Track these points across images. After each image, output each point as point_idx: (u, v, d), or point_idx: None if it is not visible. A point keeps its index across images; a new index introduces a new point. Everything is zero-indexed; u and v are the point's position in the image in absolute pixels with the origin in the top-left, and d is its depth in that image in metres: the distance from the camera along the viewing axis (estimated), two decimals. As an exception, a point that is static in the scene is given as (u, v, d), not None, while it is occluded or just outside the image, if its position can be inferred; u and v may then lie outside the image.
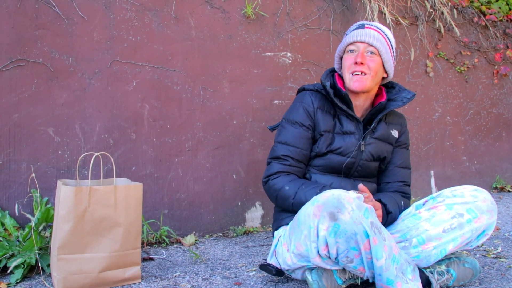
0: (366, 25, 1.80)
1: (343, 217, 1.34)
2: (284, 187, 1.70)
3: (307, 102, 1.82)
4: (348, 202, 1.35)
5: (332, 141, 1.78)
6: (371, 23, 1.82)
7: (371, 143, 1.81)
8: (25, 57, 2.19)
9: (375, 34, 1.77)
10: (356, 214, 1.34)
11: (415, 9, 3.67)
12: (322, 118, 1.79)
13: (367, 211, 1.38)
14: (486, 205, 1.56)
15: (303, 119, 1.80)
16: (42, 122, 2.22)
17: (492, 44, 4.21)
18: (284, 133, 1.82)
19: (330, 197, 1.37)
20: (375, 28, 1.79)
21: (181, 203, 2.54)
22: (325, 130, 1.78)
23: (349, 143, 1.78)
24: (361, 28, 1.79)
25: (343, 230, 1.34)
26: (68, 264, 1.67)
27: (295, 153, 1.77)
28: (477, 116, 4.03)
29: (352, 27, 1.86)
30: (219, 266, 2.05)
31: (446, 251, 1.52)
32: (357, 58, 1.74)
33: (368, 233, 1.35)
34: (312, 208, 1.40)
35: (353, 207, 1.35)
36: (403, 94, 1.86)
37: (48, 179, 2.22)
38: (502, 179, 4.14)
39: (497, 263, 1.97)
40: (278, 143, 1.82)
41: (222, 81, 2.69)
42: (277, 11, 2.92)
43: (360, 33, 1.77)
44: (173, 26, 2.56)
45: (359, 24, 1.83)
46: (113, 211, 1.74)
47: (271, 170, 1.78)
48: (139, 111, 2.45)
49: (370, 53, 1.75)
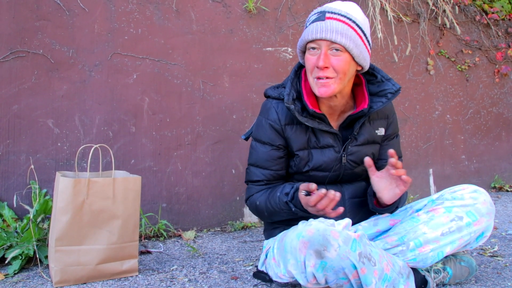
0: (327, 14, 1.46)
1: (329, 254, 1.30)
2: (256, 204, 1.63)
3: (273, 119, 1.61)
4: (334, 238, 1.30)
5: (310, 159, 1.62)
6: (335, 9, 1.48)
7: (354, 152, 1.64)
8: (26, 48, 2.19)
9: (339, 26, 1.44)
10: (343, 250, 1.30)
11: (417, 6, 3.66)
12: (293, 135, 1.61)
13: (355, 243, 1.33)
14: (485, 208, 1.54)
15: (271, 139, 1.62)
16: (41, 113, 2.22)
17: (494, 43, 4.20)
18: (254, 154, 1.66)
19: (315, 234, 1.31)
20: (338, 17, 1.46)
21: (179, 197, 2.54)
22: (299, 149, 1.61)
23: (329, 159, 1.62)
24: (321, 19, 1.45)
25: (330, 266, 1.32)
26: (65, 256, 1.68)
27: (269, 175, 1.64)
28: (477, 115, 4.03)
29: (312, 16, 1.51)
30: (216, 260, 2.06)
31: (443, 254, 1.51)
32: (319, 61, 1.45)
33: (356, 266, 1.33)
34: (297, 243, 1.34)
35: (340, 243, 1.30)
36: (386, 87, 1.61)
37: (47, 171, 2.22)
38: (501, 178, 4.14)
39: (493, 262, 1.98)
40: (251, 165, 1.68)
41: (223, 75, 2.69)
42: (278, 6, 2.91)
43: (320, 28, 1.44)
44: (174, 19, 2.55)
45: (319, 12, 1.49)
46: (111, 204, 1.74)
47: (249, 192, 1.69)
48: (139, 104, 2.45)
49: (335, 50, 1.46)
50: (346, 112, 1.66)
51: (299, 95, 1.59)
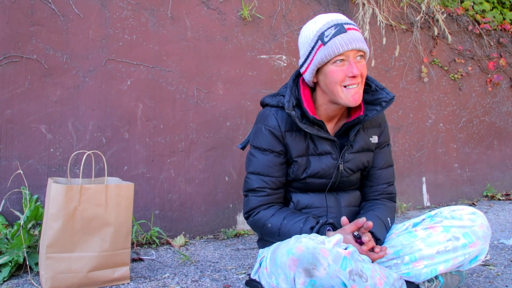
0: (346, 26, 1.52)
1: (318, 273, 1.29)
2: (266, 225, 1.61)
3: (273, 125, 1.64)
4: (324, 257, 1.30)
5: (308, 165, 1.65)
6: (345, 20, 1.55)
7: (350, 159, 1.68)
8: (19, 53, 2.18)
9: (358, 34, 1.53)
10: (333, 268, 1.30)
11: (411, 15, 3.69)
12: (292, 142, 1.64)
13: (345, 261, 1.32)
14: (482, 231, 1.55)
15: (272, 145, 1.64)
16: (34, 119, 2.21)
17: (486, 53, 4.24)
18: (254, 162, 1.67)
19: (305, 252, 1.30)
20: (353, 26, 1.54)
21: (172, 204, 2.53)
22: (298, 155, 1.64)
23: (326, 166, 1.64)
24: (343, 31, 1.50)
25: (320, 284, 1.31)
26: (56, 263, 1.66)
27: (271, 182, 1.64)
28: (469, 124, 4.06)
29: (327, 31, 1.53)
30: (209, 268, 2.05)
31: (436, 272, 1.52)
32: (353, 70, 1.50)
33: (346, 284, 1.33)
34: (287, 260, 1.33)
35: (329, 262, 1.30)
36: (381, 95, 1.65)
37: (39, 177, 2.20)
38: (493, 187, 4.16)
39: (485, 271, 1.98)
40: (251, 173, 1.68)
41: (217, 82, 2.69)
42: (273, 13, 2.92)
43: (347, 40, 1.50)
44: (169, 26, 2.56)
45: (335, 25, 1.52)
46: (103, 210, 1.73)
47: (249, 205, 1.66)
48: (133, 110, 2.44)
49: (359, 57, 1.53)
50: (342, 120, 1.70)
51: (298, 102, 1.62)
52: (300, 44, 1.63)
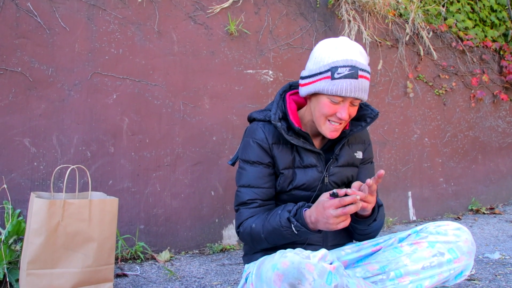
0: (359, 72, 1.51)
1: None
2: (251, 226, 1.61)
3: (260, 138, 1.67)
4: (309, 272, 1.28)
5: (293, 178, 1.67)
6: (362, 65, 1.52)
7: (335, 173, 1.70)
8: (4, 66, 2.16)
9: (366, 84, 1.54)
10: (318, 283, 1.28)
11: (396, 31, 3.74)
12: (279, 155, 1.67)
13: (331, 276, 1.31)
14: (467, 246, 1.56)
15: (260, 157, 1.67)
16: (18, 132, 2.18)
17: (469, 69, 4.32)
18: (244, 175, 1.68)
19: (290, 267, 1.29)
20: (365, 74, 1.54)
21: (157, 218, 2.50)
22: (284, 167, 1.67)
23: (311, 178, 1.67)
24: (354, 77, 1.50)
25: None
26: (38, 280, 1.63)
27: (262, 193, 1.66)
28: (454, 139, 4.11)
29: (341, 68, 1.51)
30: (194, 284, 2.02)
31: (422, 287, 1.52)
32: (342, 113, 1.54)
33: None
34: (272, 275, 1.32)
35: (314, 277, 1.28)
36: (366, 111, 1.71)
37: (22, 191, 2.17)
38: (478, 201, 4.20)
39: (470, 286, 1.99)
40: (241, 187, 1.69)
41: (203, 97, 2.69)
42: (260, 29, 2.94)
43: (355, 87, 1.50)
44: (155, 40, 2.56)
45: (351, 67, 1.51)
46: (87, 226, 1.71)
47: (241, 218, 1.67)
48: (118, 124, 2.43)
49: (355, 103, 1.57)
50: None
51: (284, 116, 1.67)
52: (312, 56, 1.62)
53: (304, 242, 1.64)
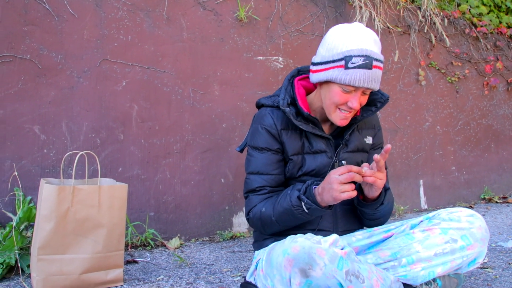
0: (374, 63, 1.48)
1: (315, 273, 1.27)
2: (261, 211, 1.60)
3: (269, 124, 1.65)
4: (320, 257, 1.28)
5: (303, 164, 1.65)
6: (376, 54, 1.49)
7: (345, 158, 1.68)
8: (13, 53, 2.16)
9: (379, 74, 1.50)
10: (329, 268, 1.28)
11: (408, 18, 3.68)
12: (288, 140, 1.64)
13: (342, 261, 1.30)
14: (480, 233, 1.54)
15: (269, 143, 1.65)
16: (28, 119, 2.18)
17: (483, 56, 4.24)
18: (253, 162, 1.67)
19: (301, 252, 1.28)
20: (379, 64, 1.50)
21: (167, 206, 2.50)
22: (293, 153, 1.64)
23: (321, 164, 1.64)
24: (369, 67, 1.47)
25: (316, 284, 1.29)
26: (48, 265, 1.63)
27: (271, 180, 1.65)
28: (466, 127, 4.05)
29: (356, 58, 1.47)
30: (204, 270, 2.02)
31: (434, 274, 1.50)
32: (354, 103, 1.51)
33: (342, 284, 1.31)
34: (283, 260, 1.32)
35: (325, 262, 1.28)
36: (376, 96, 1.67)
37: (32, 178, 2.18)
38: (490, 190, 4.15)
39: (483, 274, 1.96)
40: (250, 174, 1.68)
41: (213, 83, 2.67)
42: (270, 15, 2.91)
43: (368, 78, 1.47)
44: (164, 27, 2.54)
45: (366, 57, 1.47)
46: (96, 212, 1.71)
47: (250, 204, 1.66)
48: (128, 111, 2.42)
49: (367, 92, 1.55)
50: None
51: (293, 101, 1.63)
52: (325, 42, 1.57)
53: (314, 228, 1.62)
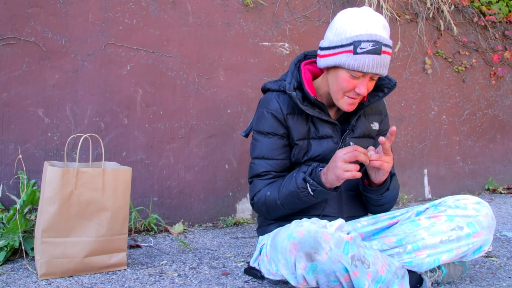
0: (383, 48, 1.45)
1: (320, 258, 1.27)
2: (266, 194, 1.59)
3: (275, 108, 1.63)
4: (326, 241, 1.27)
5: (308, 149, 1.63)
6: (385, 40, 1.46)
7: (351, 144, 1.66)
8: (17, 35, 2.14)
9: (388, 59, 1.49)
10: (335, 253, 1.27)
11: (416, 5, 3.63)
12: (294, 125, 1.63)
13: (348, 246, 1.30)
14: (487, 221, 1.53)
15: (275, 128, 1.63)
16: (32, 102, 2.17)
17: (491, 45, 4.19)
18: (258, 147, 1.65)
19: (306, 236, 1.28)
20: (388, 49, 1.48)
21: (171, 191, 2.50)
22: (299, 138, 1.63)
23: (327, 149, 1.62)
24: (377, 53, 1.44)
25: (321, 269, 1.29)
26: (52, 248, 1.63)
27: (275, 165, 1.63)
28: (472, 117, 4.02)
29: (365, 43, 1.44)
30: (207, 256, 2.02)
31: (439, 261, 1.49)
32: (361, 88, 1.49)
33: (347, 269, 1.30)
34: (288, 244, 1.31)
35: (331, 246, 1.27)
36: (383, 81, 1.64)
37: (36, 161, 2.17)
38: (495, 180, 4.13)
39: (488, 262, 1.96)
40: (255, 158, 1.66)
41: (218, 69, 2.65)
42: (276, 0, 2.87)
43: (377, 63, 1.45)
44: (170, 11, 2.51)
45: (375, 42, 1.44)
46: (100, 195, 1.70)
47: (255, 189, 1.65)
48: (132, 95, 2.40)
49: (375, 78, 1.53)
50: None
51: (299, 85, 1.62)
52: (333, 26, 1.54)
53: (319, 214, 1.61)
